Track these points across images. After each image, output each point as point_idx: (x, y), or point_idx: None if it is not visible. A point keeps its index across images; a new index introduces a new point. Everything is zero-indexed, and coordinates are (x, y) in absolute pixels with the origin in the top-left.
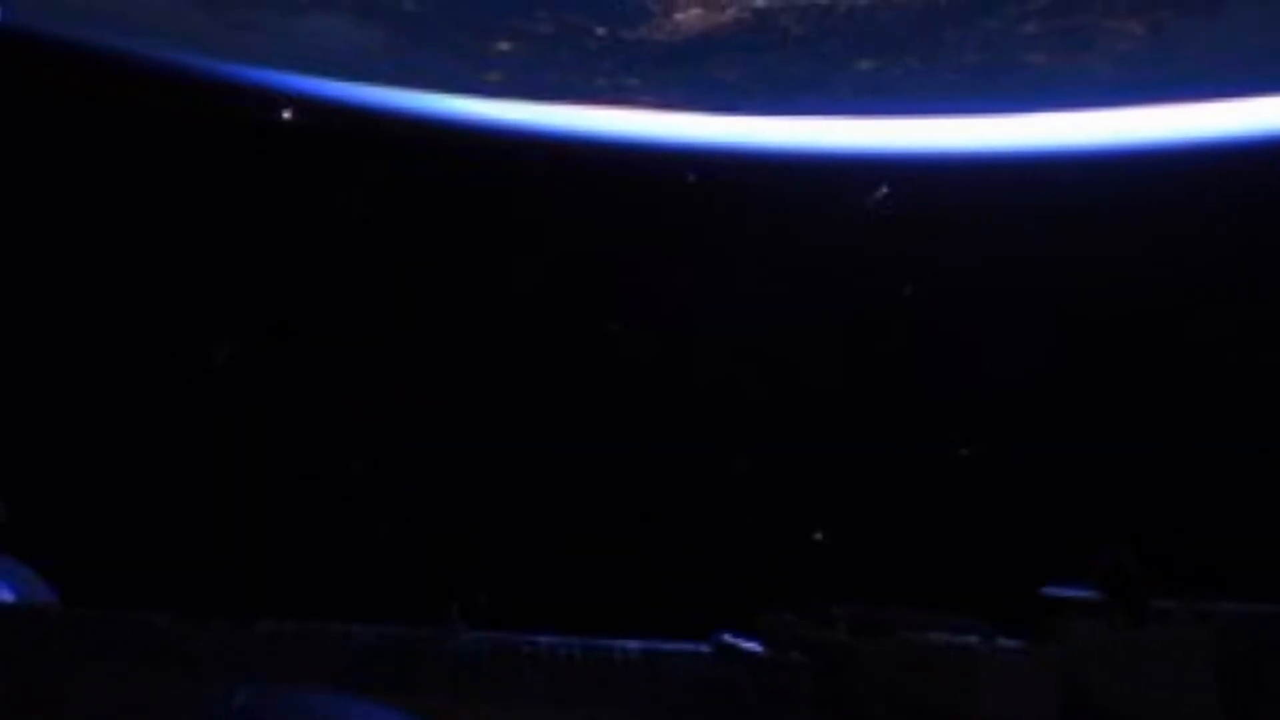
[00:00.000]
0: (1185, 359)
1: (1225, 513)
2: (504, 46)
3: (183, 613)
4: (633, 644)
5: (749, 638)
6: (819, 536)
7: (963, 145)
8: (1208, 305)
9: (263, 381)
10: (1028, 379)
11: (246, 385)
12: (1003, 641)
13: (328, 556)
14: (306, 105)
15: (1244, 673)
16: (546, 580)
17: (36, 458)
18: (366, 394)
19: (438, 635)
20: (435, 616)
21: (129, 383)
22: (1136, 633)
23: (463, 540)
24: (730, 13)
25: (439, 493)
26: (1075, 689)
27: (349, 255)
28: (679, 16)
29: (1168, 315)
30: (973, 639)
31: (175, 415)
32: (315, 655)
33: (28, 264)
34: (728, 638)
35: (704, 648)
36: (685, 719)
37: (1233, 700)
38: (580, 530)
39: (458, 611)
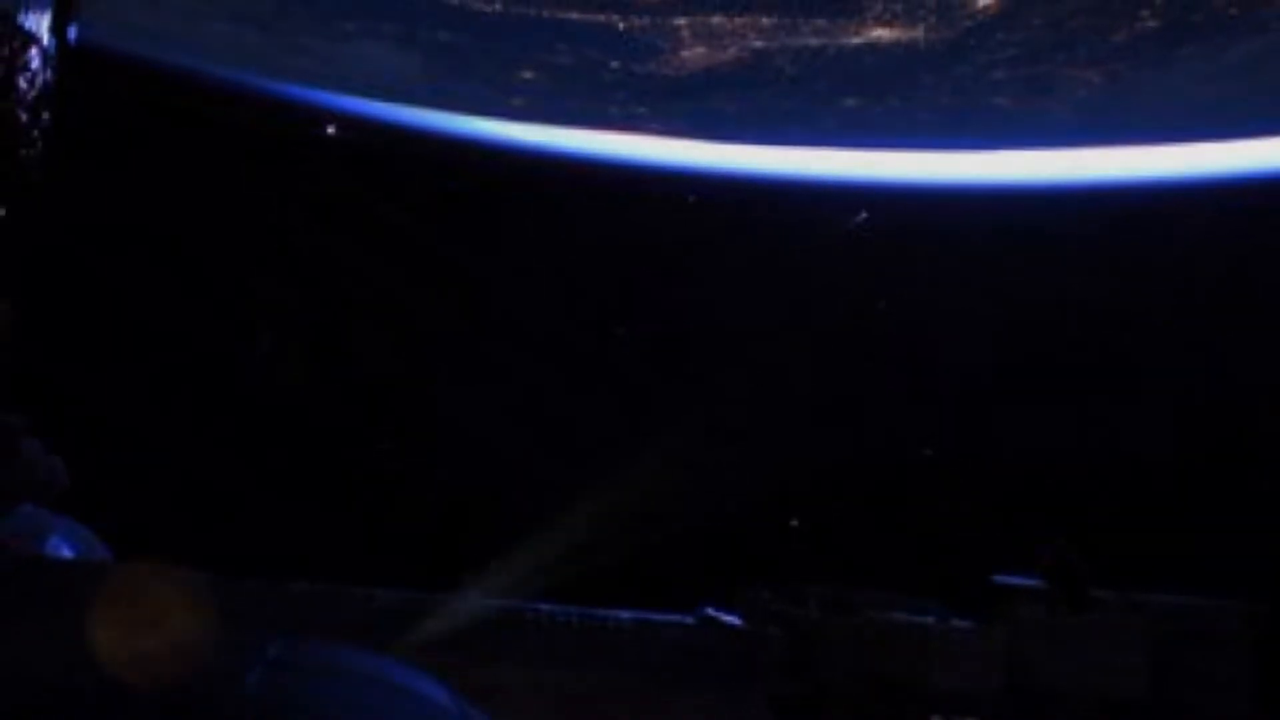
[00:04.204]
0: (1123, 375)
1: (1155, 513)
2: (527, 75)
3: (223, 572)
4: (625, 614)
5: (730, 612)
6: (795, 524)
7: (935, 177)
8: (1145, 327)
9: (306, 368)
10: (986, 388)
11: (291, 371)
12: (956, 621)
13: (356, 527)
14: (349, 123)
15: (1170, 656)
16: (550, 554)
17: (99, 432)
18: (397, 384)
19: (452, 600)
20: (450, 583)
21: (186, 366)
22: (1076, 618)
23: (477, 516)
24: (731, 52)
25: (459, 473)
26: (1019, 665)
27: (384, 259)
28: (685, 54)
29: (1111, 335)
30: (929, 618)
31: (224, 397)
32: (341, 614)
33: (96, 255)
34: (711, 611)
35: (689, 619)
36: (670, 681)
37: (1160, 679)
38: (581, 512)
39: (470, 579)
